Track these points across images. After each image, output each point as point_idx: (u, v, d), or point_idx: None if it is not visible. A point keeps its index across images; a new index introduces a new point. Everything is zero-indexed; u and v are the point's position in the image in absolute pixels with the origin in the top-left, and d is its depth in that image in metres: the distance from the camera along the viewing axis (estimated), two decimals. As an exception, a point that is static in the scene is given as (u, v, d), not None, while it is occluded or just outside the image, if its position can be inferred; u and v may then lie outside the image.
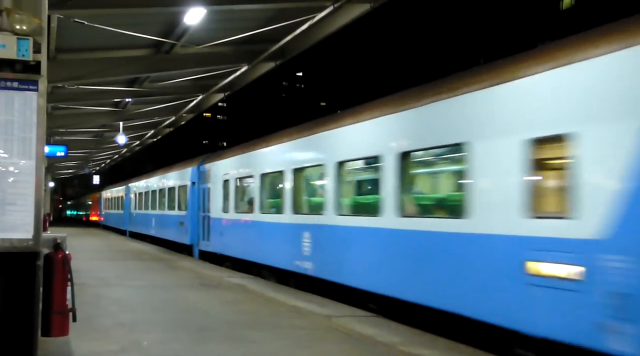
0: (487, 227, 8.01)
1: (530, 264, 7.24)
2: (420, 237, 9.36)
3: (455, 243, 8.57)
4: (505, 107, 7.89)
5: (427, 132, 9.44)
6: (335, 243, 11.90)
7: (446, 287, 8.66)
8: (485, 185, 8.14)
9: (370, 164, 11.35)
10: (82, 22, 13.03)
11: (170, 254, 23.08)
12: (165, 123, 30.43)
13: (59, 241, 6.14)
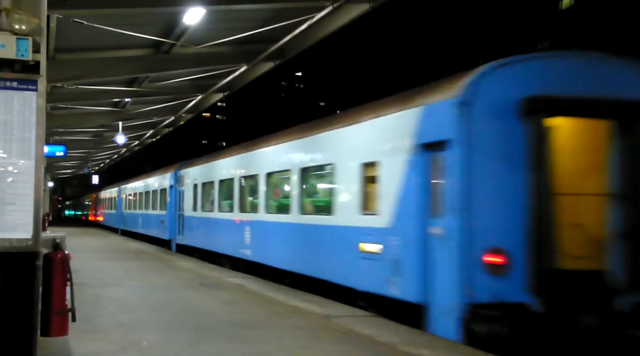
0: (342, 221, 11.78)
1: (361, 244, 10.94)
2: (311, 229, 13.14)
3: (327, 232, 12.32)
4: (350, 141, 11.78)
5: (314, 154, 13.40)
6: (264, 234, 15.75)
7: (323, 262, 12.41)
8: (341, 193, 11.96)
9: (284, 175, 14.92)
10: (81, 22, 13.03)
11: (169, 254, 23.08)
12: (165, 123, 30.43)
13: (58, 241, 6.14)
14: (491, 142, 8.67)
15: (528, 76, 8.88)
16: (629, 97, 8.87)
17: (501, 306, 8.32)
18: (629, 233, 8.69)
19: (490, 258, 8.42)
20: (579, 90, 8.80)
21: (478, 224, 8.50)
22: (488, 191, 8.61)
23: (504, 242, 8.46)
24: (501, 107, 8.68)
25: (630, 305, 8.45)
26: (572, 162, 9.04)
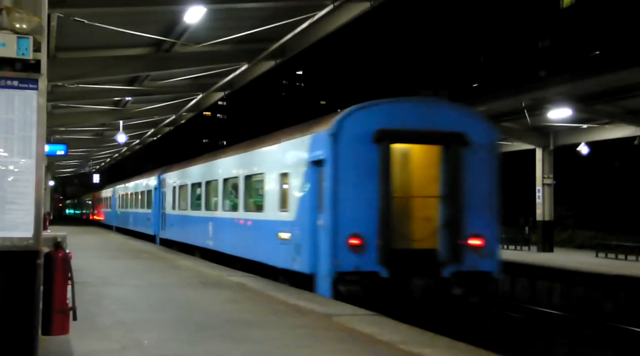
0: (269, 216, 15.52)
1: (279, 234, 14.52)
2: (250, 223, 17.07)
3: (260, 225, 16.18)
4: (273, 157, 15.64)
5: (252, 166, 17.32)
6: (221, 228, 19.75)
7: (255, 247, 16.39)
8: (268, 195, 15.66)
9: (234, 181, 18.69)
10: (82, 20, 13.03)
11: (170, 253, 23.09)
12: (165, 122, 30.44)
13: (59, 240, 6.13)
14: (352, 161, 12.34)
15: (379, 116, 12.65)
16: (450, 129, 12.68)
17: (359, 273, 12.11)
18: (449, 223, 12.53)
19: (352, 241, 12.16)
20: (415, 125, 12.63)
21: (343, 218, 12.22)
22: (350, 195, 12.27)
23: (361, 229, 12.19)
24: (360, 136, 12.34)
25: (451, 273, 12.36)
26: (420, 174, 13.46)
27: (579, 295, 18.20)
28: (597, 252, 24.58)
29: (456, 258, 12.43)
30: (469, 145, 12.82)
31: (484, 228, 12.99)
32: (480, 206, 12.97)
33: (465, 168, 12.77)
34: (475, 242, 12.76)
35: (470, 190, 12.82)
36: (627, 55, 39.92)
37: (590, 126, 24.42)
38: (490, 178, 13.39)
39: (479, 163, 13.05)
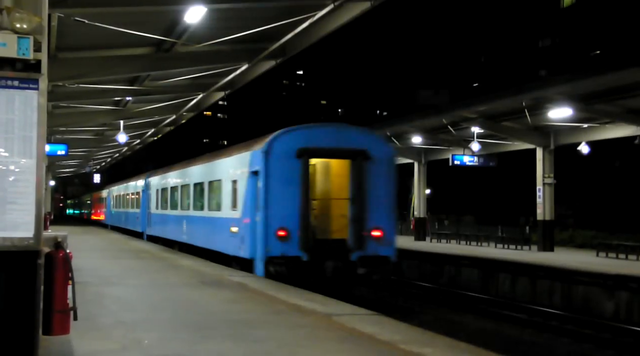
0: (224, 214, 19.12)
1: (231, 228, 18.09)
2: (212, 220, 20.70)
3: (218, 221, 19.77)
4: (227, 167, 19.42)
5: (214, 173, 21.06)
6: (192, 224, 23.82)
7: (216, 240, 20.13)
8: (224, 197, 19.34)
9: (201, 185, 22.59)
10: (82, 20, 13.03)
11: (170, 253, 23.11)
12: (166, 121, 30.44)
13: (59, 240, 6.13)
14: (280, 172, 16.01)
15: (300, 137, 16.39)
16: (355, 147, 16.33)
17: (285, 257, 15.65)
18: (355, 219, 16.17)
19: (279, 233, 15.78)
20: (328, 144, 16.39)
21: (273, 215, 15.86)
22: (278, 197, 15.91)
23: (286, 224, 15.81)
24: (285, 153, 16.01)
25: (357, 257, 16.02)
26: (336, 181, 17.74)
27: (579, 294, 18.20)
28: (597, 251, 24.56)
29: (361, 245, 16.19)
30: (370, 159, 16.42)
31: (382, 222, 16.51)
32: (379, 206, 16.44)
33: (367, 177, 16.34)
34: (376, 233, 16.42)
35: (371, 194, 16.36)
36: (628, 55, 39.91)
37: (590, 125, 24.41)
38: (388, 185, 16.74)
39: (378, 173, 16.51)
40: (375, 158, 16.46)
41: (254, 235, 16.38)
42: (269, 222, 15.83)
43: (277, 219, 15.85)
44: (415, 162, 34.30)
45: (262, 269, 15.74)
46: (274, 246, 15.75)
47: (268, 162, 16.07)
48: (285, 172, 16.03)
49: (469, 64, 77.98)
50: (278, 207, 15.93)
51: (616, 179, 51.99)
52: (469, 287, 22.16)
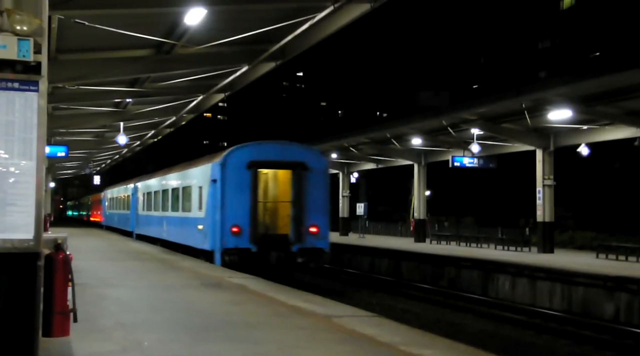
0: (194, 215, 22.46)
1: (198, 226, 21.66)
2: (186, 219, 23.89)
3: (189, 221, 22.92)
4: (195, 175, 23.03)
5: (186, 180, 24.54)
6: (169, 223, 27.55)
7: (187, 236, 23.41)
8: (193, 201, 22.58)
9: (177, 190, 26.20)
10: (82, 22, 13.04)
11: (170, 254, 23.12)
12: (166, 123, 30.46)
13: (59, 241, 6.13)
14: (233, 180, 19.60)
15: (250, 152, 20.16)
16: (295, 159, 19.94)
17: (237, 249, 19.21)
18: (296, 218, 19.79)
19: (233, 229, 19.37)
20: (273, 157, 20.12)
21: (228, 215, 19.44)
22: (232, 201, 19.49)
23: (239, 222, 19.38)
24: (238, 165, 19.62)
25: (297, 249, 19.56)
26: (281, 187, 21.43)
27: (579, 296, 18.20)
28: (597, 253, 24.56)
29: (300, 239, 19.76)
30: (308, 170, 19.93)
31: (318, 221, 20.06)
32: (315, 207, 19.99)
33: (305, 184, 19.87)
34: (313, 230, 19.94)
35: (309, 198, 19.87)
36: (627, 57, 39.93)
37: (590, 127, 24.42)
38: (323, 190, 20.37)
39: (314, 181, 20.03)
40: (312, 169, 20.08)
41: (214, 231, 19.93)
42: (224, 221, 19.51)
43: (231, 218, 19.52)
44: (415, 163, 34.31)
45: (219, 259, 19.48)
46: (229, 240, 19.47)
47: (224, 172, 19.79)
48: (238, 180, 19.66)
49: (468, 66, 78.01)
50: (232, 208, 19.54)
51: (616, 181, 52.00)
52: (469, 289, 22.16)
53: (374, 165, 40.02)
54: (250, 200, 19.54)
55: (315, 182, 20.13)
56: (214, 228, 19.90)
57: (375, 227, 47.11)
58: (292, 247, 19.70)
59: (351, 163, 41.41)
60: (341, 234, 42.27)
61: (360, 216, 40.78)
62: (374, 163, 39.58)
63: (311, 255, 19.92)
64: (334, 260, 32.23)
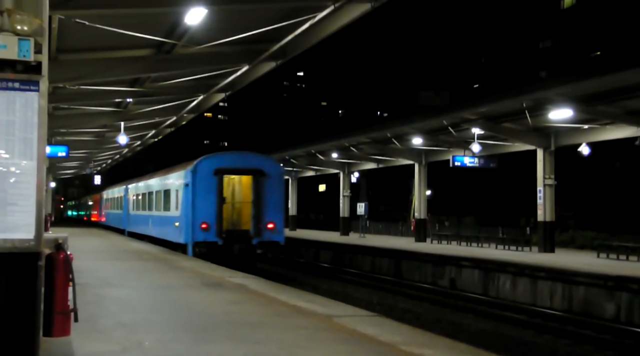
0: (171, 214, 26.45)
1: (175, 223, 25.47)
2: (166, 217, 27.43)
3: (169, 219, 26.81)
4: (173, 180, 26.92)
5: (165, 184, 28.57)
6: (155, 222, 30.56)
7: (167, 232, 27.09)
8: (171, 201, 26.65)
9: (159, 193, 29.57)
10: (83, 22, 13.03)
11: (171, 254, 23.12)
12: (166, 123, 30.46)
13: (60, 241, 6.14)
14: (203, 185, 22.98)
15: (217, 161, 23.67)
16: (255, 167, 23.44)
17: (206, 242, 22.61)
18: (255, 216, 23.24)
19: (202, 225, 22.67)
20: (236, 165, 23.87)
21: (198, 213, 22.85)
22: (201, 202, 22.90)
23: (207, 219, 22.72)
24: (206, 172, 23.07)
25: (257, 242, 22.95)
26: (245, 191, 25.08)
27: (580, 295, 18.20)
28: (598, 252, 24.56)
29: (259, 234, 23.36)
30: (265, 176, 23.55)
31: (274, 218, 23.66)
32: (272, 207, 23.59)
33: (263, 188, 23.47)
34: (270, 226, 23.46)
35: (266, 199, 23.46)
36: (628, 56, 39.91)
37: (591, 127, 24.41)
38: (279, 193, 24.11)
39: (271, 185, 23.63)
40: (269, 175, 23.71)
41: (187, 227, 23.47)
42: (195, 218, 23.16)
43: (201, 216, 23.08)
44: (415, 163, 34.30)
45: (191, 251, 23.08)
46: (199, 234, 23.03)
47: (195, 178, 23.51)
48: (206, 184, 23.27)
49: (469, 65, 77.97)
50: (201, 208, 23.13)
51: (617, 180, 51.98)
52: (470, 288, 22.16)
53: (374, 165, 40.02)
54: (216, 201, 23.23)
55: (272, 185, 23.74)
56: (187, 225, 23.55)
57: (375, 226, 47.11)
58: (252, 240, 23.35)
59: (352, 162, 41.41)
60: (342, 234, 42.26)
61: (360, 216, 40.77)
62: (375, 163, 39.58)
63: (269, 247, 23.64)
64: (335, 260, 32.33)
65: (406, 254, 27.20)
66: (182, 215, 24.35)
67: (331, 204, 56.86)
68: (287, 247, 29.23)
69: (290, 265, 31.85)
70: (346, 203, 42.95)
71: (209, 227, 23.00)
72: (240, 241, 23.23)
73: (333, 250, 33.49)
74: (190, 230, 23.15)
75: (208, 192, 23.18)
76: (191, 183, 23.48)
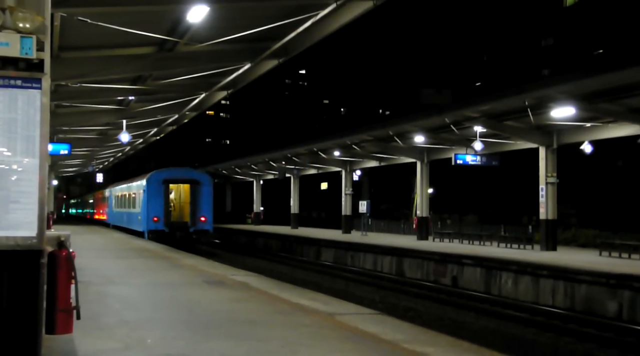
0: (136, 210, 38.36)
1: (138, 217, 37.53)
2: (133, 213, 39.80)
3: (134, 214, 39.13)
4: (136, 186, 39.08)
5: (132, 189, 40.74)
6: (127, 216, 42.16)
7: (134, 223, 38.62)
8: (136, 202, 38.52)
9: (128, 196, 41.89)
10: (85, 20, 13.02)
11: (173, 252, 23.13)
12: (168, 121, 30.45)
13: (62, 239, 6.14)
14: (154, 190, 34.44)
15: (164, 173, 36.18)
16: (192, 178, 35.48)
17: (156, 230, 33.76)
18: (192, 212, 34.90)
19: (154, 218, 33.87)
20: (179, 177, 36.06)
21: (151, 210, 34.13)
22: (153, 202, 34.26)
23: (157, 214, 33.99)
24: (157, 181, 34.91)
25: (193, 230, 34.17)
26: (184, 195, 36.43)
27: (582, 293, 18.19)
28: (600, 250, 24.53)
29: (195, 224, 33.60)
30: (199, 184, 33.98)
31: (206, 213, 34.04)
32: (204, 206, 34.11)
33: (198, 193, 34.01)
34: (202, 219, 33.61)
35: (200, 200, 33.95)
36: (631, 54, 39.85)
37: (593, 125, 24.37)
38: (208, 196, 34.48)
39: (203, 191, 34.11)
40: (202, 183, 34.77)
41: (144, 219, 34.37)
42: (149, 213, 33.81)
43: (153, 212, 33.84)
44: (417, 161, 34.28)
45: (147, 236, 33.39)
46: (151, 225, 33.56)
47: (148, 185, 34.65)
48: (156, 190, 34.22)
49: (471, 64, 77.89)
50: (153, 206, 34.01)
51: (619, 178, 51.93)
52: (472, 286, 22.16)
53: (376, 163, 40.00)
54: (164, 202, 34.59)
55: (204, 191, 34.72)
56: (144, 218, 34.70)
57: (377, 224, 47.11)
58: (190, 229, 34.13)
59: (354, 160, 41.38)
60: (344, 232, 42.25)
61: (362, 214, 40.77)
62: (377, 161, 39.56)
63: (201, 234, 34.40)
64: (337, 258, 32.36)
65: (408, 252, 27.20)
66: (141, 211, 35.66)
67: (333, 202, 56.85)
68: (292, 245, 38.68)
69: (296, 264, 32.00)
70: (348, 201, 42.93)
71: (159, 220, 33.86)
72: (181, 229, 34.04)
73: (335, 248, 33.51)
74: (146, 221, 34.24)
75: (158, 195, 34.27)
76: (146, 189, 34.90)
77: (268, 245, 42.98)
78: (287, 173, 48.80)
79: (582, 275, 18.30)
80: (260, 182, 58.71)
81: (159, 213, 33.69)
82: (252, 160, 50.98)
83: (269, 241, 43.13)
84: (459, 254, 24.19)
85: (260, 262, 31.85)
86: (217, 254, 34.65)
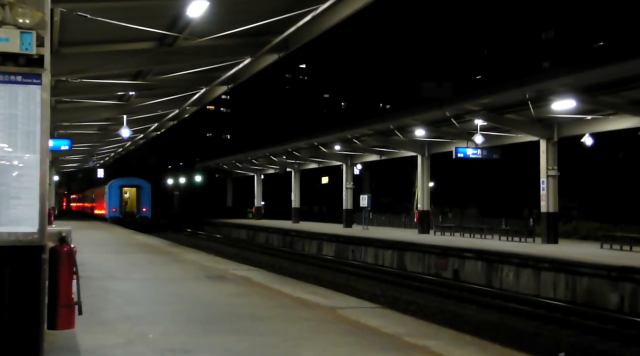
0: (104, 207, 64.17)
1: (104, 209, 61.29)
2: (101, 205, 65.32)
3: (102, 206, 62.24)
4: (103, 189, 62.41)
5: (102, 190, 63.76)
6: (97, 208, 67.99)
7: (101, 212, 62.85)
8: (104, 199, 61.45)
9: (99, 195, 66.00)
10: (85, 15, 13.00)
11: (175, 247, 23.15)
12: (169, 116, 30.44)
13: (64, 234, 6.14)
14: (113, 193, 58.16)
15: (119, 181, 60.46)
16: (138, 184, 59.97)
17: (115, 217, 55.87)
18: (137, 205, 57.91)
19: (113, 209, 57.30)
20: (129, 183, 59.48)
21: (111, 204, 57.55)
22: (113, 200, 57.82)
23: (115, 207, 57.45)
24: (115, 187, 58.38)
25: (138, 217, 56.36)
26: (132, 195, 58.89)
27: (583, 286, 18.20)
28: (601, 243, 24.55)
29: (139, 212, 56.29)
30: (142, 188, 57.59)
31: (146, 206, 57.05)
32: (145, 202, 57.15)
33: (141, 194, 57.48)
34: (144, 209, 56.65)
35: (142, 198, 57.26)
36: (631, 46, 39.79)
37: (594, 117, 24.36)
38: (148, 195, 57.44)
39: (144, 192, 57.57)
40: (143, 187, 57.24)
41: (107, 210, 56.31)
42: (110, 206, 56.47)
43: (112, 205, 56.55)
44: (418, 154, 34.28)
45: (109, 221, 52.69)
46: (111, 214, 55.89)
47: (109, 189, 57.42)
48: (115, 192, 57.11)
49: (472, 57, 77.79)
50: (112, 202, 56.58)
51: (620, 171, 51.90)
52: (473, 280, 22.18)
53: (377, 157, 40.01)
54: (120, 199, 56.41)
55: (145, 192, 56.67)
56: (107, 210, 55.90)
57: (378, 218, 47.14)
58: (136, 216, 54.58)
59: (354, 155, 41.40)
60: (345, 226, 42.30)
61: (363, 208, 40.80)
62: (377, 155, 39.56)
63: (143, 219, 54.19)
64: (338, 252, 32.39)
65: (409, 246, 27.22)
66: (107, 205, 56.74)
67: (334, 196, 56.91)
68: (293, 239, 39.00)
69: (297, 258, 32.05)
70: (349, 195, 42.96)
71: (117, 210, 55.90)
72: (130, 216, 54.68)
73: (336, 242, 33.55)
74: (108, 211, 55.49)
75: (115, 196, 56.61)
76: (108, 191, 57.07)
77: (269, 239, 43.01)
78: (288, 168, 48.84)
79: (583, 268, 18.31)
80: (261, 177, 58.79)
81: (116, 207, 56.55)
82: (253, 154, 51.04)
83: (270, 235, 43.17)
84: (460, 247, 24.20)
85: (262, 257, 31.88)
86: (219, 249, 34.29)
